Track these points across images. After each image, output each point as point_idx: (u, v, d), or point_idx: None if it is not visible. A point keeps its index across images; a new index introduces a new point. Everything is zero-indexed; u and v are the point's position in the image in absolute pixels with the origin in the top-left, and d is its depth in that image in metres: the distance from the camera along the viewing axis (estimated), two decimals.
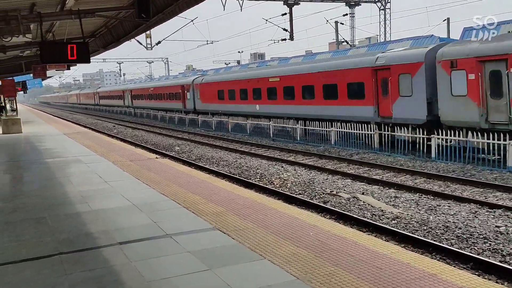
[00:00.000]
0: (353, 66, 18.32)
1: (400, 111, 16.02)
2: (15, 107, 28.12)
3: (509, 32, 15.53)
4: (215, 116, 29.24)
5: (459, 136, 13.80)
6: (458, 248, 7.06)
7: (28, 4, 10.40)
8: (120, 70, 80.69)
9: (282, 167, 14.84)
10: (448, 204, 9.59)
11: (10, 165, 12.86)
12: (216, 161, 16.66)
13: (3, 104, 31.19)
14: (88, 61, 10.46)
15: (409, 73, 15.60)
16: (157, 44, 36.05)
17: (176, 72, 76.96)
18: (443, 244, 7.28)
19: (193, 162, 16.36)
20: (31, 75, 23.59)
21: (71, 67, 24.08)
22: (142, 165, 11.69)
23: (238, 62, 68.09)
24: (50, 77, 35.81)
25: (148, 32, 32.52)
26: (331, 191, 11.17)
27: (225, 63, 67.34)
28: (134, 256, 5.05)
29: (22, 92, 39.40)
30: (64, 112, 69.08)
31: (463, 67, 13.90)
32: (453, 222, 8.35)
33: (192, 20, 30.94)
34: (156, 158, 13.70)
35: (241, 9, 29.43)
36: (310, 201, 10.28)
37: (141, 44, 31.78)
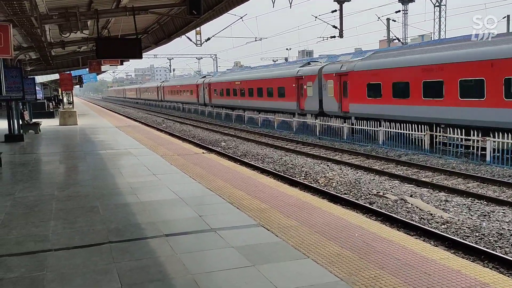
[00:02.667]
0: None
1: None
2: (71, 100, 29.45)
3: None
4: (261, 113, 29.35)
5: None
6: None
7: (86, 1, 10.85)
8: (170, 66, 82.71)
9: (328, 166, 14.66)
10: (503, 211, 9.11)
11: (66, 155, 13.51)
12: (261, 157, 16.71)
13: (61, 97, 32.78)
14: (140, 57, 10.76)
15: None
16: (206, 40, 36.61)
17: (224, 68, 77.83)
18: (496, 252, 6.93)
19: (238, 158, 16.49)
20: (87, 69, 24.60)
21: (124, 63, 24.92)
22: (188, 159, 11.92)
23: (286, 59, 67.90)
24: (105, 71, 37.26)
25: (198, 29, 33.11)
26: (377, 192, 10.91)
27: (273, 60, 67.37)
28: (180, 249, 5.15)
29: (78, 86, 41.17)
30: (116, 106, 71.74)
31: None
32: (508, 229, 7.92)
33: (241, 17, 31.17)
34: (203, 153, 13.92)
35: (290, 6, 29.26)
36: (356, 201, 10.08)
37: (191, 40, 32.40)
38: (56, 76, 28.80)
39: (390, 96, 18.41)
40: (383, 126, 18.26)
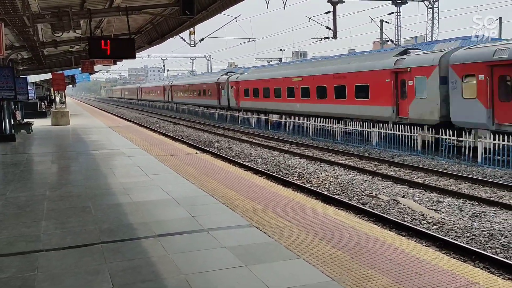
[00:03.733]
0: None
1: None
2: (64, 100, 29.30)
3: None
4: (255, 114, 29.34)
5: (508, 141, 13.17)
6: (503, 258, 6.75)
7: (79, 0, 10.81)
8: (164, 66, 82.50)
9: (321, 166, 14.70)
10: (494, 211, 9.19)
11: (58, 155, 13.43)
12: (254, 158, 16.72)
13: (53, 97, 32.59)
14: (133, 57, 10.73)
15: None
16: (200, 41, 36.57)
17: (218, 69, 77.78)
18: (487, 252, 6.99)
19: (231, 158, 16.49)
20: (80, 69, 24.49)
21: (117, 62, 24.83)
22: (182, 159, 11.90)
23: (280, 60, 67.96)
24: (98, 71, 37.09)
25: (192, 29, 33.07)
26: (370, 193, 10.96)
27: (267, 61, 67.41)
28: (172, 249, 5.15)
29: (71, 85, 40.98)
30: (109, 106, 71.49)
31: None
32: (499, 230, 7.99)
33: (235, 18, 31.16)
34: (196, 153, 13.92)
35: (284, 7, 29.35)
36: (349, 202, 10.12)
37: (184, 40, 32.37)
38: (48, 76, 28.63)
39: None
40: (376, 127, 18.33)
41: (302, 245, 5.21)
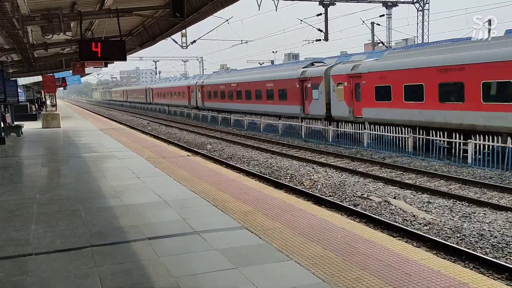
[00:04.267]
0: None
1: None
2: (54, 102, 29.09)
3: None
4: (247, 116, 29.38)
5: (497, 141, 13.31)
6: (492, 258, 6.81)
7: (69, 2, 10.74)
8: (156, 68, 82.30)
9: (313, 168, 14.73)
10: (483, 212, 9.27)
11: (48, 158, 13.33)
12: (246, 160, 16.71)
13: (44, 100, 32.35)
14: (124, 59, 10.68)
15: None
16: (192, 43, 36.56)
17: (210, 71, 77.68)
18: (477, 252, 7.04)
19: (224, 160, 16.47)
20: (70, 71, 24.34)
21: (108, 65, 24.70)
22: (173, 162, 11.87)
23: (272, 62, 68.06)
24: (89, 74, 36.89)
25: (183, 31, 33.04)
26: (362, 194, 11.00)
27: (259, 63, 67.49)
28: (162, 252, 5.13)
29: (62, 88, 40.69)
30: (101, 108, 71.11)
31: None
32: (489, 230, 8.06)
33: (227, 20, 31.26)
34: (188, 155, 13.88)
35: (276, 9, 29.46)
36: (340, 203, 10.15)
37: (176, 43, 32.40)
38: (39, 78, 28.40)
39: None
40: (366, 128, 18.44)
41: (293, 247, 5.21)
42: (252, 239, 5.55)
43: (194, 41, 37.14)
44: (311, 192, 11.23)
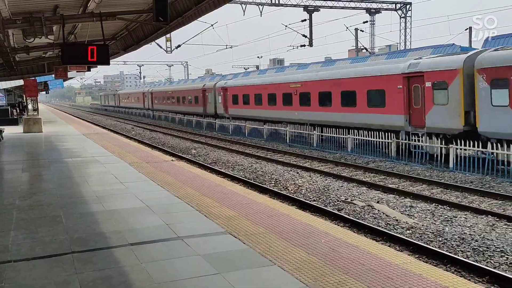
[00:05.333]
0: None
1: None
2: (36, 106, 28.67)
3: None
4: (232, 120, 29.34)
5: (478, 147, 13.53)
6: (473, 261, 6.90)
7: (51, 6, 10.61)
8: (140, 72, 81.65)
9: (298, 173, 14.77)
10: (464, 216, 9.40)
11: (29, 163, 13.10)
12: (231, 165, 16.69)
13: (25, 104, 31.85)
14: (107, 63, 10.58)
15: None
16: (176, 47, 36.42)
17: (195, 76, 77.46)
18: (458, 256, 7.13)
19: (208, 165, 16.41)
20: (53, 75, 24.02)
21: (91, 69, 24.46)
22: (157, 167, 11.78)
23: (257, 67, 68.23)
24: (71, 78, 36.46)
25: (168, 35, 32.92)
26: (345, 199, 11.06)
27: (244, 68, 67.57)
28: (145, 258, 5.07)
29: (44, 92, 40.14)
30: (83, 113, 70.27)
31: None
32: (470, 234, 8.17)
33: (212, 25, 31.22)
34: (172, 160, 13.79)
35: (261, 15, 29.59)
36: (324, 208, 10.19)
37: (161, 47, 32.19)
38: (20, 82, 27.98)
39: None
40: (351, 134, 18.57)
41: (277, 251, 5.20)
42: (236, 244, 5.53)
43: (179, 46, 37.01)
44: (296, 197, 11.25)
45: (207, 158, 18.70)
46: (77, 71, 23.41)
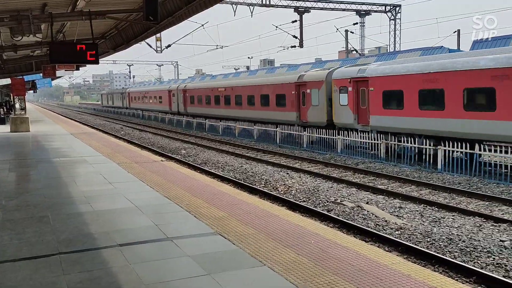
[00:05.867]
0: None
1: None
2: (24, 105, 28.32)
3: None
4: (222, 121, 29.30)
5: (466, 148, 13.67)
6: (461, 261, 6.96)
7: (39, 4, 10.50)
8: (130, 72, 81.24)
9: (287, 173, 14.79)
10: (452, 217, 9.49)
11: (16, 163, 12.94)
12: (221, 165, 16.65)
13: (13, 103, 31.47)
14: (97, 62, 10.50)
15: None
16: (167, 47, 36.28)
17: (185, 76, 77.24)
18: (446, 256, 7.19)
19: (198, 166, 16.36)
20: (41, 74, 23.78)
21: (80, 68, 24.26)
22: (147, 167, 11.71)
23: (248, 67, 68.25)
24: (60, 77, 36.12)
25: (158, 35, 32.77)
26: (335, 200, 11.10)
27: (234, 68, 67.56)
28: (133, 259, 5.03)
29: (31, 91, 39.69)
30: (72, 112, 69.63)
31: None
32: (457, 234, 8.25)
33: (202, 25, 31.16)
34: (162, 160, 13.72)
35: (251, 15, 29.59)
36: (314, 208, 10.21)
37: (151, 47, 32.03)
38: (8, 81, 27.65)
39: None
40: (341, 135, 18.68)
41: (266, 252, 5.20)
42: (226, 245, 5.51)
43: (169, 45, 36.87)
44: (286, 198, 11.26)
45: (197, 158, 18.64)
46: (65, 70, 23.17)
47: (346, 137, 18.38)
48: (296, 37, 32.27)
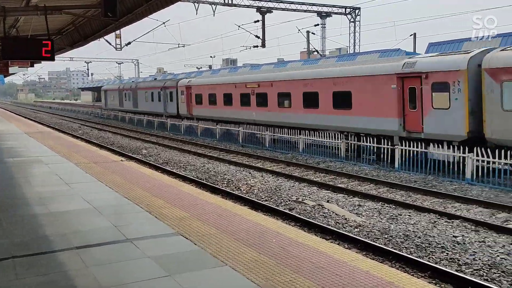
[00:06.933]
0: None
1: None
2: None
3: None
4: (184, 120, 29.01)
5: (421, 147, 14.17)
6: (416, 257, 7.21)
7: None
8: (88, 69, 78.89)
9: (250, 173, 14.83)
10: (409, 214, 9.81)
11: None
12: (183, 165, 16.49)
13: None
14: (52, 59, 10.15)
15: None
16: (126, 44, 35.51)
17: (146, 74, 75.87)
18: (402, 252, 7.42)
19: (159, 165, 16.13)
20: None
21: (35, 65, 23.38)
22: (106, 167, 11.43)
23: (210, 66, 67.91)
24: (13, 74, 34.65)
25: (117, 32, 32.01)
26: (297, 199, 11.23)
27: (197, 67, 67.05)
28: (91, 261, 4.90)
29: None
30: (27, 111, 66.93)
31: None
32: (413, 231, 8.53)
33: (164, 23, 30.74)
34: (121, 160, 13.44)
35: (213, 14, 29.46)
36: (276, 208, 10.29)
37: (110, 44, 31.24)
38: None
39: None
40: (302, 135, 18.91)
41: (228, 252, 5.20)
42: (187, 245, 5.46)
43: (129, 43, 36.10)
44: (248, 197, 11.29)
45: (158, 158, 18.37)
46: (19, 67, 22.26)
47: (308, 137, 18.61)
48: (258, 37, 32.40)
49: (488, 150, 12.39)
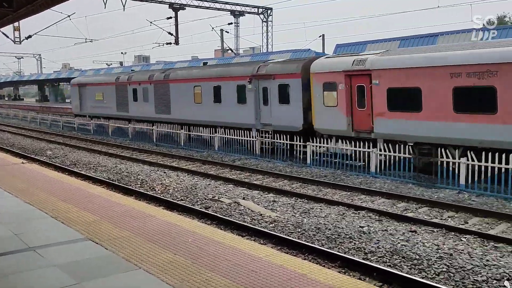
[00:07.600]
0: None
1: None
2: None
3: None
4: (94, 119, 27.60)
5: (331, 144, 14.91)
6: (327, 248, 7.58)
7: None
8: None
9: (165, 172, 14.53)
10: (320, 207, 10.26)
11: None
12: (93, 166, 15.69)
13: None
14: None
15: None
16: (27, 38, 32.83)
17: (50, 70, 70.82)
18: (314, 244, 7.75)
19: (66, 167, 15.19)
20: None
21: None
22: (5, 170, 10.53)
23: (121, 63, 65.34)
24: None
25: (16, 24, 29.48)
26: (213, 197, 11.23)
27: (107, 64, 64.16)
28: None
29: None
30: None
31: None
32: (324, 223, 8.94)
33: (69, 16, 28.82)
34: (23, 163, 12.45)
35: (123, 9, 28.35)
36: (192, 207, 10.20)
37: (7, 37, 28.66)
38: None
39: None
40: (218, 133, 18.93)
41: (142, 255, 5.05)
42: (98, 250, 5.22)
43: (30, 36, 33.39)
44: (162, 197, 11.06)
45: (65, 159, 17.29)
46: None
47: (223, 135, 18.68)
48: (171, 34, 31.77)
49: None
